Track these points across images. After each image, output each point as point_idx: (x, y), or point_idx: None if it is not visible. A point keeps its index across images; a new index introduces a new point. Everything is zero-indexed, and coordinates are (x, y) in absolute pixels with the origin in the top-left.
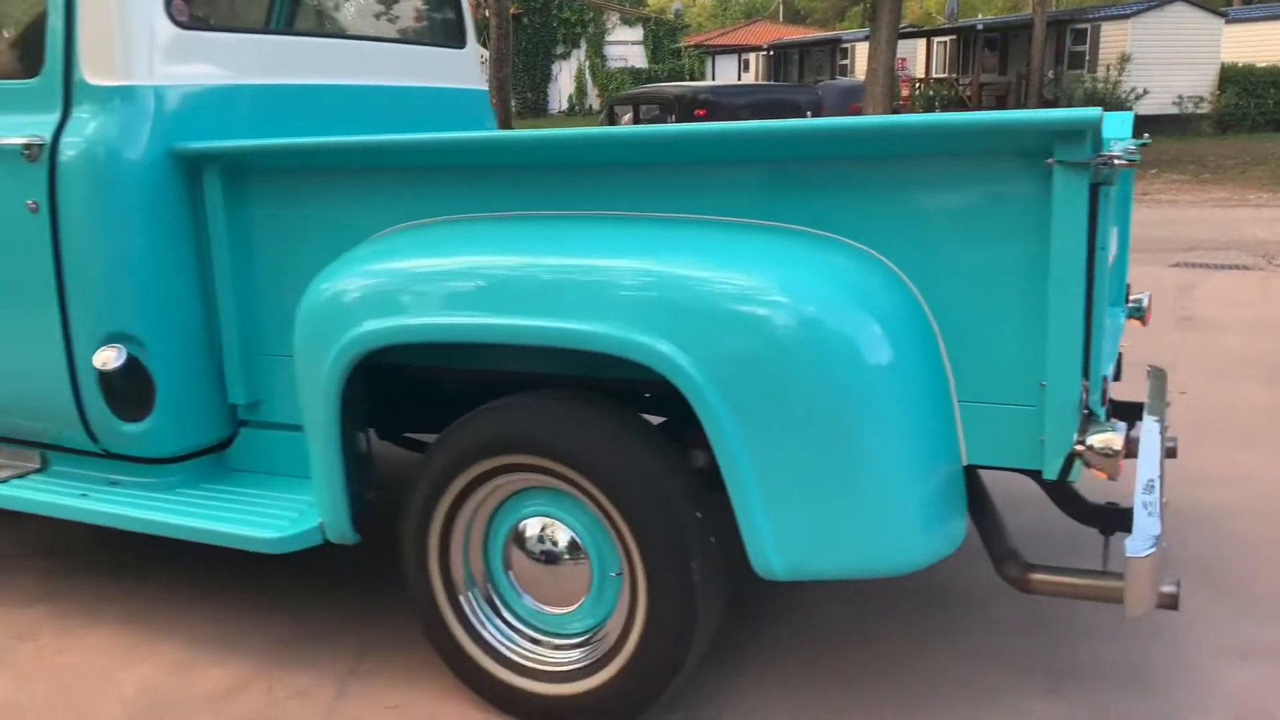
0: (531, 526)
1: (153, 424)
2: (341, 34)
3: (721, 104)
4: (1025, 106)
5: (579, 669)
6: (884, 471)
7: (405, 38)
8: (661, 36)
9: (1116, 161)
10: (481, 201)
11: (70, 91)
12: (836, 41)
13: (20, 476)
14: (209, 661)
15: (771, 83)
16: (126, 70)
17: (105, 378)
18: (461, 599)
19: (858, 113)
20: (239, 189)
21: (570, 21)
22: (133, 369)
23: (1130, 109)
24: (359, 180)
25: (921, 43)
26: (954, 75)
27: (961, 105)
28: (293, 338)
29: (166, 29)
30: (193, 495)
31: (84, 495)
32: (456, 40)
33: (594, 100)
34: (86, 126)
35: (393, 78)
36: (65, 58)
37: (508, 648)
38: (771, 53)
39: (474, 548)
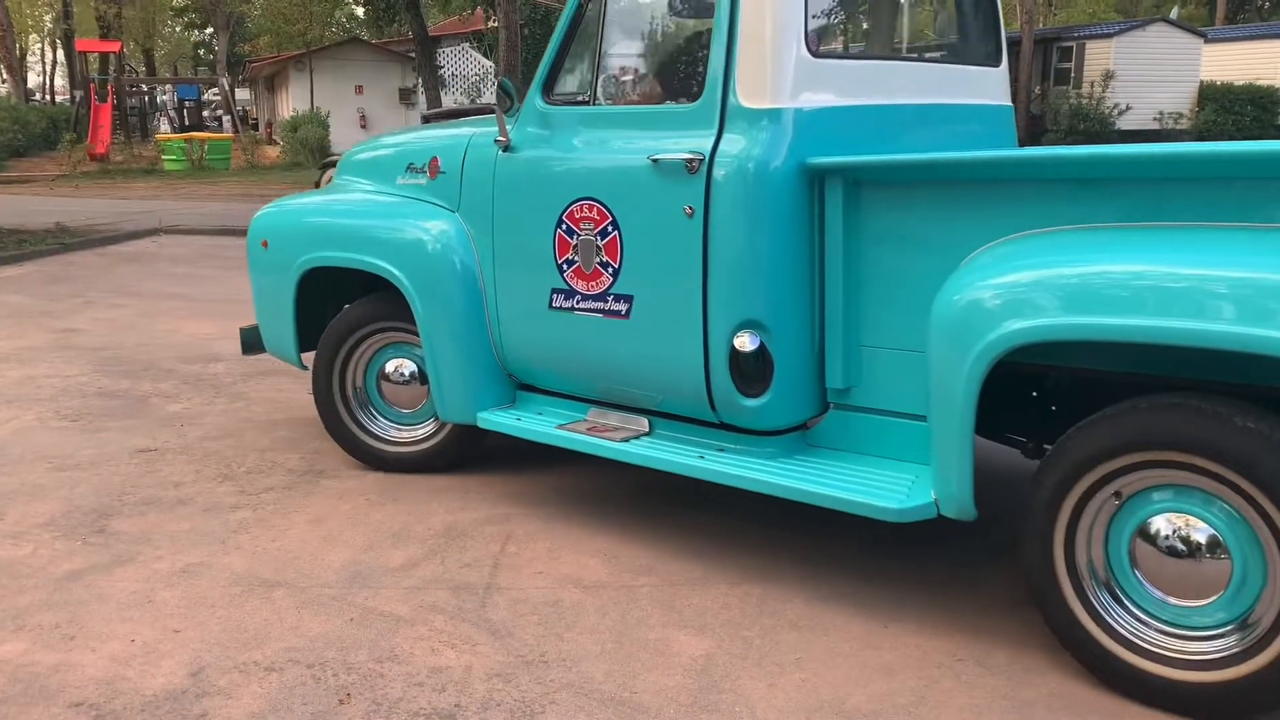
0: (1163, 523)
1: (767, 400)
2: (917, 57)
3: None
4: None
5: (1225, 656)
6: None
7: (960, 59)
8: None
9: None
10: (1103, 211)
11: (725, 113)
12: None
13: (636, 438)
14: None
15: None
16: (775, 94)
17: (737, 358)
18: (1087, 589)
19: None
20: (855, 198)
21: None
22: (760, 352)
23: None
24: (973, 192)
25: None
26: None
27: None
28: (893, 333)
29: (805, 58)
30: (792, 464)
31: (701, 457)
32: (994, 59)
33: None
34: (739, 143)
35: (951, 96)
36: (723, 85)
37: (1139, 636)
38: None
39: (1096, 541)
